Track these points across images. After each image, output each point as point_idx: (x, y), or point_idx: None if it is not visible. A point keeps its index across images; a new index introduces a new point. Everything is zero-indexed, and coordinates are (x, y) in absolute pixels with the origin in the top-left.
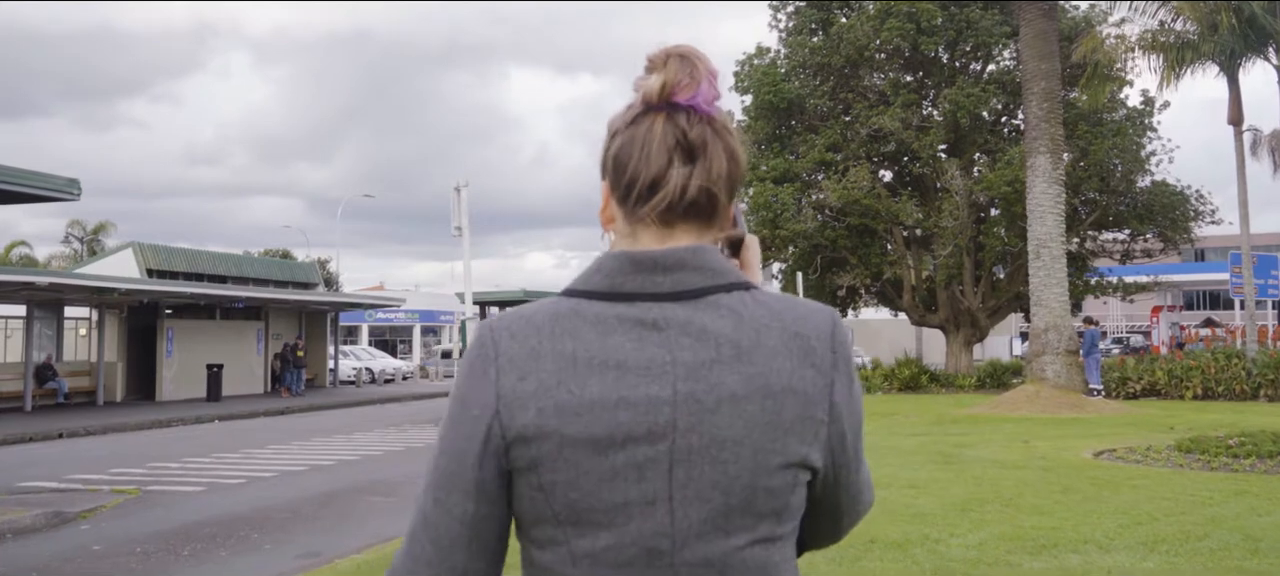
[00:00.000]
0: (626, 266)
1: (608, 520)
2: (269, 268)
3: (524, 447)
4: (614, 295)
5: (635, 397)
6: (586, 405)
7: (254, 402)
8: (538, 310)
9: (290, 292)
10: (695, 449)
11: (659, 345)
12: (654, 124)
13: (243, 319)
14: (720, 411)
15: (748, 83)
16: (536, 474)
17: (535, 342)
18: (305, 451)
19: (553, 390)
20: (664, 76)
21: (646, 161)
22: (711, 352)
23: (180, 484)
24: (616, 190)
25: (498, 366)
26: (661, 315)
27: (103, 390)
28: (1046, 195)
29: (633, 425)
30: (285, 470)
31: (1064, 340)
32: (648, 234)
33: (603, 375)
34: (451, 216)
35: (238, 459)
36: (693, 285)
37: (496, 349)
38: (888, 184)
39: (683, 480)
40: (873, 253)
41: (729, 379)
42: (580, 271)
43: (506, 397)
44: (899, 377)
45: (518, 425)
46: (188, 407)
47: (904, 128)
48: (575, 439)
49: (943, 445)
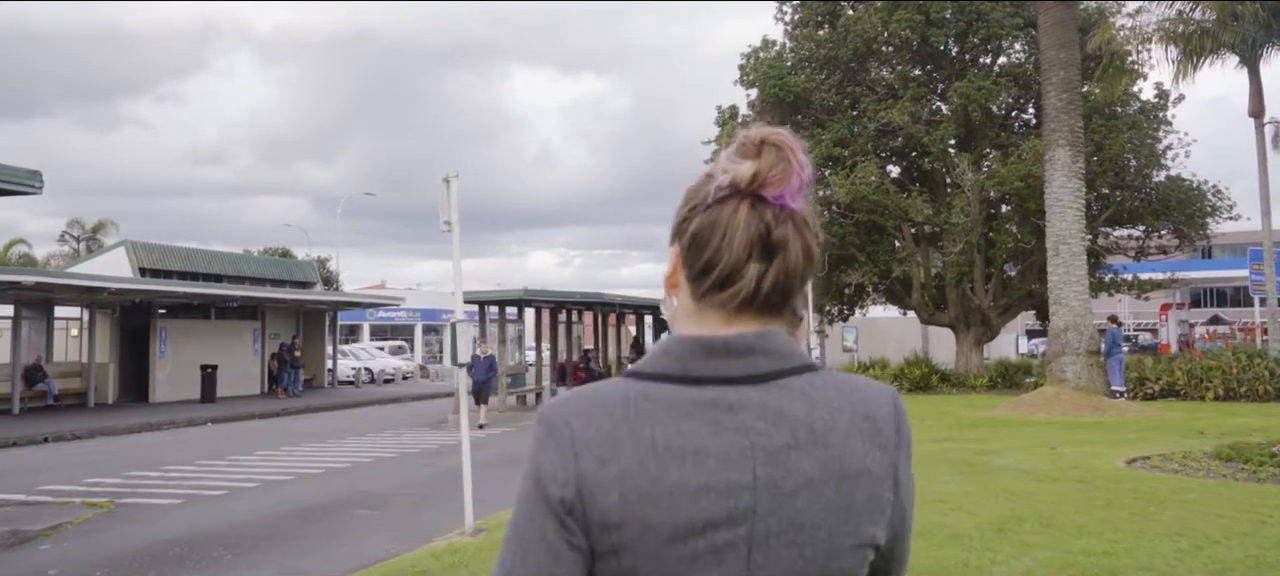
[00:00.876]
0: (697, 352)
1: None
2: (266, 266)
3: (605, 533)
4: (685, 379)
5: (716, 483)
6: (668, 491)
7: (249, 404)
8: (607, 393)
9: (287, 292)
10: (773, 533)
11: (735, 430)
12: (738, 211)
13: (238, 318)
14: (799, 496)
15: (753, 76)
16: (617, 558)
17: (610, 427)
18: (294, 458)
19: (634, 475)
20: (757, 166)
21: (728, 251)
22: (788, 437)
23: (157, 495)
24: (689, 267)
25: (575, 450)
26: (736, 398)
27: (94, 392)
28: (1066, 189)
29: (713, 510)
30: (270, 479)
31: (1084, 340)
32: (714, 317)
33: (682, 461)
34: (440, 210)
35: (222, 467)
36: (763, 369)
37: (571, 432)
38: (896, 180)
39: (761, 563)
40: (881, 250)
41: (806, 464)
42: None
43: (588, 480)
44: (909, 378)
45: (600, 509)
46: (181, 409)
47: (913, 122)
48: (658, 525)
49: (964, 452)
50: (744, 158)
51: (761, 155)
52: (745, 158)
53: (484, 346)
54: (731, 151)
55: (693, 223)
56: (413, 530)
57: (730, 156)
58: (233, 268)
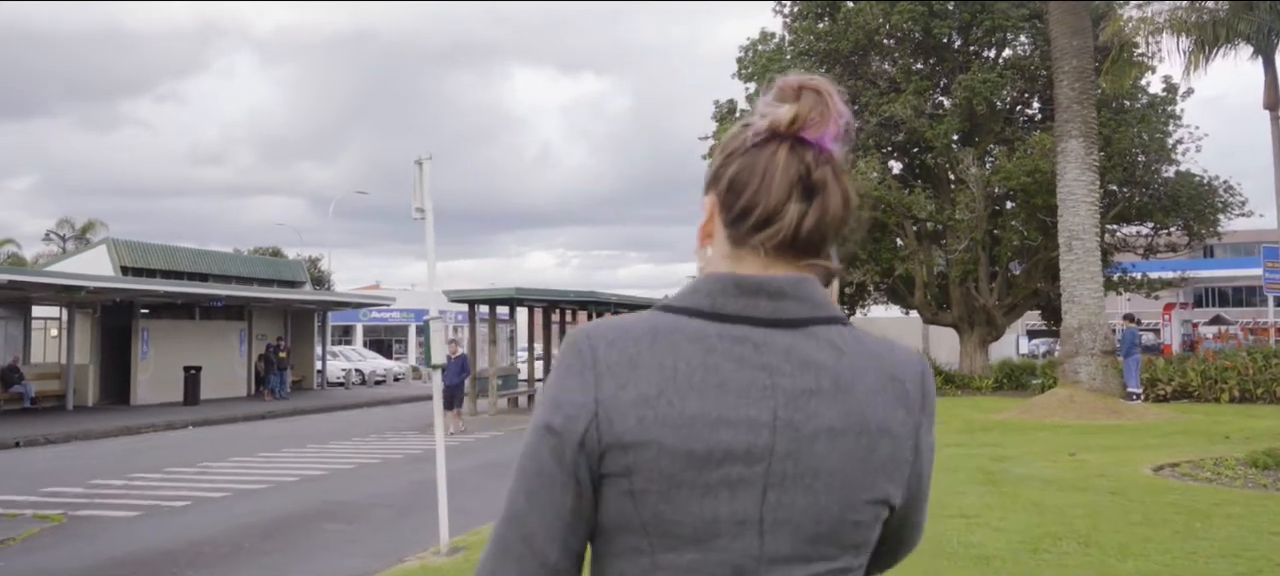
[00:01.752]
0: (731, 289)
1: (696, 536)
2: (253, 265)
3: (620, 454)
4: (715, 315)
5: (735, 417)
6: (687, 419)
7: (234, 406)
8: (636, 321)
9: (275, 291)
10: (789, 475)
11: (760, 368)
12: (777, 153)
13: (224, 319)
14: (818, 441)
15: (751, 69)
16: (629, 480)
17: (634, 352)
18: (270, 464)
19: (653, 400)
20: (797, 108)
21: (766, 193)
22: (812, 382)
23: (116, 507)
24: (727, 212)
25: (596, 372)
26: (764, 338)
27: (73, 394)
28: (1079, 183)
29: (731, 443)
30: (241, 488)
31: (1099, 340)
32: (751, 260)
33: (703, 392)
34: (413, 196)
35: (192, 475)
36: (793, 314)
37: (594, 355)
38: (898, 176)
39: (774, 504)
40: (883, 248)
41: (828, 411)
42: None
43: (606, 403)
44: None
45: (616, 431)
46: (162, 412)
47: (916, 116)
48: (673, 450)
49: (980, 458)
50: (783, 101)
51: (800, 98)
52: (784, 101)
53: (453, 346)
54: (769, 98)
55: (731, 167)
56: (386, 547)
57: (768, 102)
58: (219, 266)
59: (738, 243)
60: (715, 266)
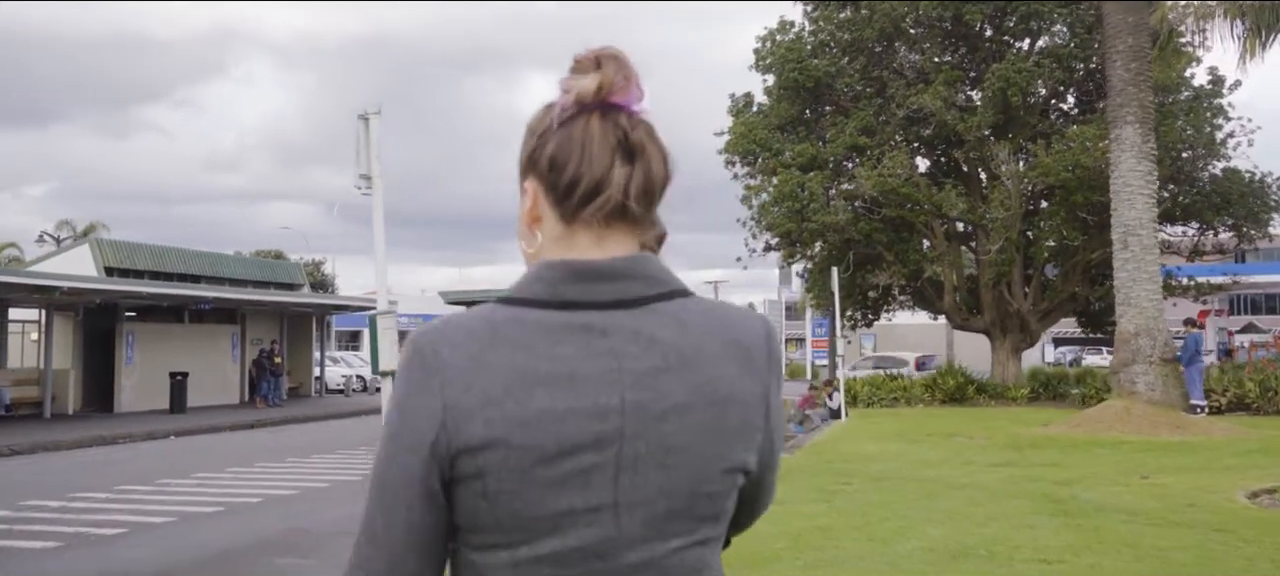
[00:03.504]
0: (568, 276)
1: (552, 527)
2: (247, 267)
3: (470, 458)
4: (556, 303)
5: (583, 407)
6: (534, 416)
7: (222, 415)
8: (473, 319)
9: (270, 293)
10: (641, 455)
11: (606, 353)
12: (590, 124)
13: (215, 322)
14: (668, 419)
15: (769, 60)
16: (481, 482)
17: (476, 352)
18: (237, 482)
19: (500, 401)
20: (600, 77)
21: (589, 163)
22: (658, 360)
23: (38, 535)
24: (553, 192)
25: (442, 377)
26: (607, 322)
27: (52, 401)
28: (1135, 172)
29: (580, 434)
30: (193, 511)
31: (1158, 346)
32: (585, 236)
33: (549, 385)
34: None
35: (143, 495)
36: (634, 294)
37: (438, 359)
38: (925, 172)
39: (628, 486)
40: (911, 249)
41: (676, 387)
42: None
43: (453, 408)
44: (942, 388)
45: (464, 436)
46: (144, 421)
47: (946, 108)
48: (522, 448)
49: (1041, 482)
50: (583, 73)
51: (602, 67)
52: (584, 73)
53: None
54: (570, 73)
55: (548, 146)
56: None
57: (569, 77)
58: (210, 268)
59: (568, 219)
60: (548, 251)
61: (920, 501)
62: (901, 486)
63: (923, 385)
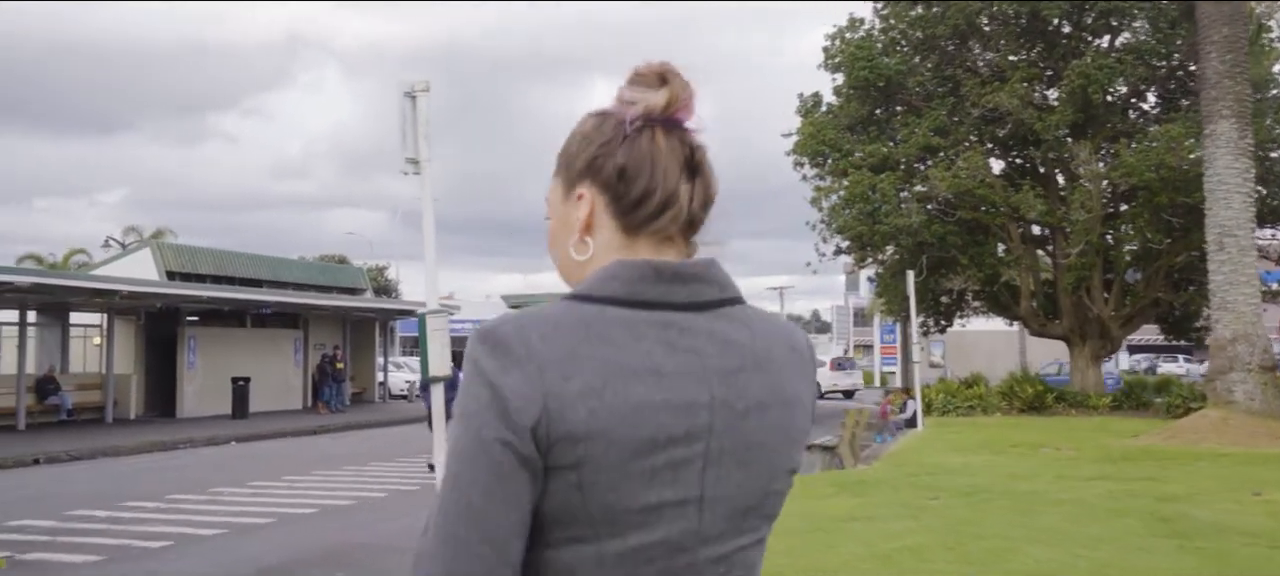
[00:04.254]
0: (649, 275)
1: (642, 520)
2: (309, 272)
3: (570, 447)
4: (634, 302)
5: (676, 400)
6: (632, 408)
7: (285, 420)
8: (558, 313)
9: (332, 298)
10: (726, 451)
11: (689, 351)
12: (657, 139)
13: (278, 327)
14: (749, 417)
15: (839, 59)
16: (577, 473)
17: (571, 344)
18: (292, 491)
19: (600, 392)
20: (670, 93)
21: (664, 177)
22: (737, 361)
23: (80, 548)
24: (618, 201)
25: (538, 365)
26: (685, 323)
27: (114, 406)
28: (1232, 171)
29: (674, 427)
30: (244, 522)
31: (1257, 353)
32: (645, 247)
33: (643, 378)
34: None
35: (196, 504)
36: (707, 297)
37: (529, 348)
38: (1002, 173)
39: (713, 481)
40: (986, 252)
41: (755, 387)
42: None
43: (553, 395)
44: (1020, 397)
45: (567, 424)
46: (206, 426)
47: (1023, 106)
48: (622, 440)
49: (1142, 498)
50: (649, 88)
51: (669, 84)
52: (650, 87)
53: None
54: (630, 85)
55: (614, 158)
56: None
57: (632, 88)
58: (272, 272)
59: (632, 231)
60: (603, 259)
61: (1017, 518)
62: (993, 501)
63: (999, 393)
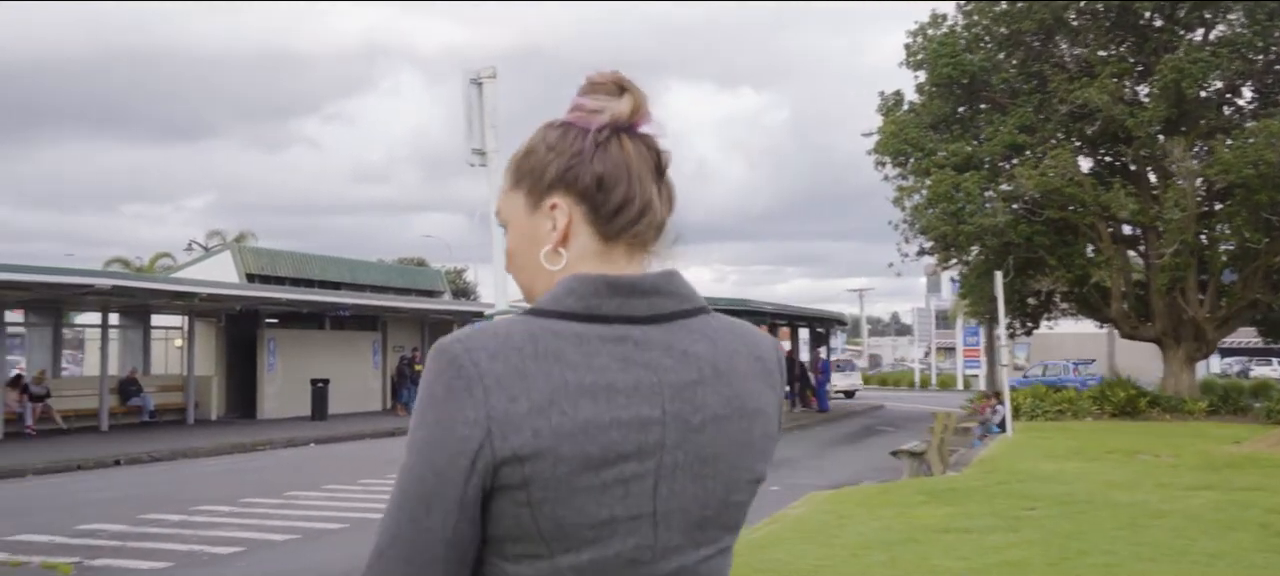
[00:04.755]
0: (603, 289)
1: (594, 535)
2: (388, 274)
3: (516, 467)
4: (590, 317)
5: (626, 417)
6: (580, 426)
7: (363, 422)
8: (510, 329)
9: (410, 300)
10: (680, 465)
11: (643, 366)
12: (625, 146)
13: (357, 329)
14: (705, 430)
15: (921, 56)
16: (525, 492)
17: (519, 363)
18: (367, 495)
19: (546, 410)
20: (633, 100)
21: (640, 185)
22: (693, 373)
23: (150, 553)
24: (599, 210)
25: (484, 386)
26: (641, 336)
27: (195, 408)
28: None
29: (623, 443)
30: (316, 527)
31: None
32: (621, 255)
33: (593, 396)
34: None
35: (269, 508)
36: (666, 309)
37: (478, 369)
38: (1091, 171)
39: (666, 495)
40: (1075, 253)
41: (712, 399)
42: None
43: (499, 418)
44: (1111, 401)
45: (512, 445)
46: (286, 428)
47: (1113, 102)
48: (569, 458)
49: (1253, 509)
50: (611, 96)
51: (629, 91)
52: (612, 96)
53: None
54: (589, 94)
55: (591, 167)
56: None
57: (593, 98)
58: (351, 275)
59: (610, 238)
60: (577, 269)
61: (1121, 532)
62: (1094, 513)
63: (1090, 397)
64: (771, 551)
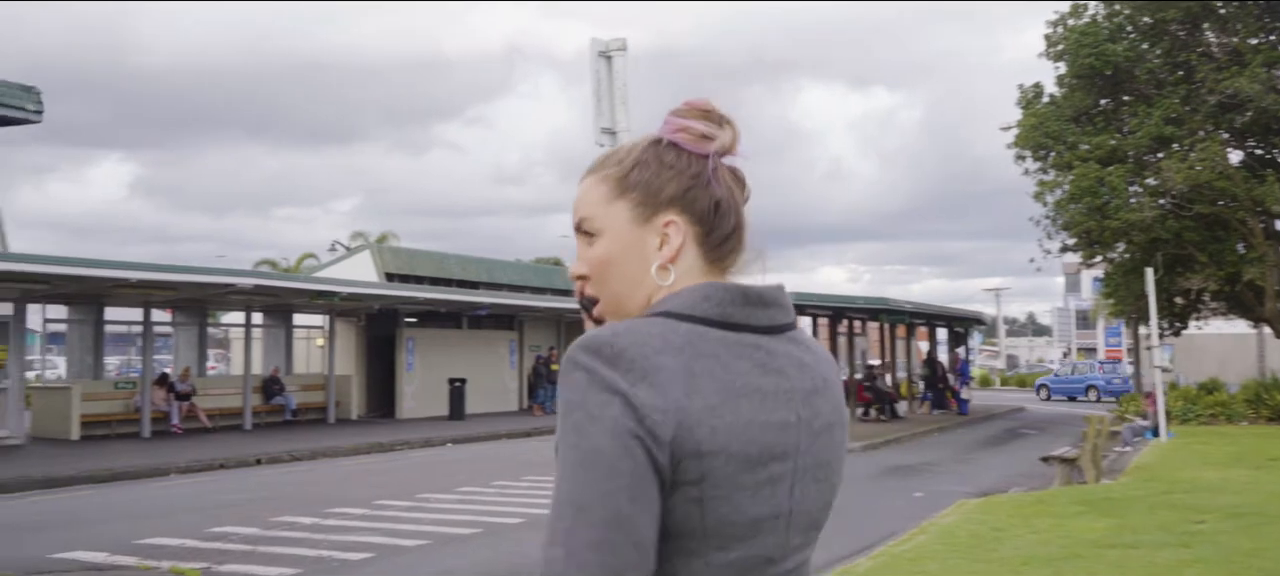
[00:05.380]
0: (738, 299)
1: (746, 533)
2: (524, 274)
3: (695, 463)
4: (725, 324)
5: (773, 419)
6: (743, 424)
7: (500, 422)
8: (662, 330)
9: (546, 300)
10: (807, 468)
11: (777, 372)
12: (722, 174)
13: (493, 329)
14: (822, 436)
15: (1062, 47)
16: (699, 487)
17: (685, 361)
18: (501, 497)
19: (718, 409)
20: (734, 132)
21: (740, 209)
22: (812, 382)
23: (279, 559)
24: (711, 234)
25: (663, 380)
26: (770, 345)
27: (335, 407)
28: None
29: (774, 444)
30: (449, 532)
31: None
32: (715, 274)
33: (749, 397)
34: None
35: (402, 510)
36: (782, 321)
37: (650, 362)
38: (1242, 163)
39: (799, 496)
40: (1226, 249)
41: (825, 407)
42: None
43: (683, 410)
44: (1269, 404)
45: (696, 439)
46: (424, 427)
47: (1266, 92)
48: (737, 455)
49: None
50: (717, 125)
51: (730, 123)
52: (717, 125)
53: None
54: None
55: (711, 192)
56: None
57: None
58: (488, 274)
59: (715, 260)
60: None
61: None
62: (1271, 527)
63: (1243, 400)
64: (924, 564)
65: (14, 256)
